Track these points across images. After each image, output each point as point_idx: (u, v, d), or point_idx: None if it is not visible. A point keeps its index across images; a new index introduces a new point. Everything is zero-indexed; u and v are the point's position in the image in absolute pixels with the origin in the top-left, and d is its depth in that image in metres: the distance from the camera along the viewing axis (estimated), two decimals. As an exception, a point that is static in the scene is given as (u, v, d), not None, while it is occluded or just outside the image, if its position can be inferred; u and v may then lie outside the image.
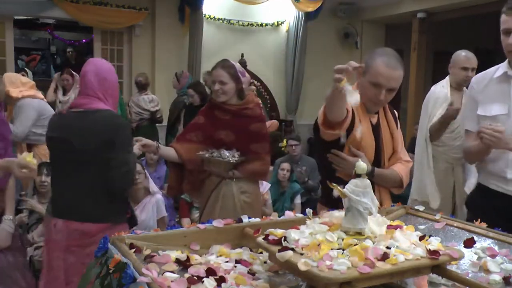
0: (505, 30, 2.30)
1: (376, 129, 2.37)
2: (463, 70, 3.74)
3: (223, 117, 2.99)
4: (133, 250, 1.52)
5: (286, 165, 5.35)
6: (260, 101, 3.36)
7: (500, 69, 2.42)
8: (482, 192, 2.49)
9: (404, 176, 2.40)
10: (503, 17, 2.30)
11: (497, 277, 1.47)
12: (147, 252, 1.56)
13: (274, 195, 5.19)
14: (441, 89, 3.82)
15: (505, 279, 1.46)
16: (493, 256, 1.64)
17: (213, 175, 2.97)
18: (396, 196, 2.48)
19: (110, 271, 1.41)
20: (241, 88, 3.00)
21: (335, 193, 1.50)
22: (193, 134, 3.02)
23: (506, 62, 2.40)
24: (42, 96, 4.58)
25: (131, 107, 6.78)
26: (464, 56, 3.78)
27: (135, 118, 6.75)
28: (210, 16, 8.43)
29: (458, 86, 3.80)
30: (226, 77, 2.94)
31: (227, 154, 2.89)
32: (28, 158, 2.04)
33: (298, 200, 5.39)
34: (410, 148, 4.17)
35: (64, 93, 6.47)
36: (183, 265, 1.49)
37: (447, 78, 3.90)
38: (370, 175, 2.24)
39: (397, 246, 1.39)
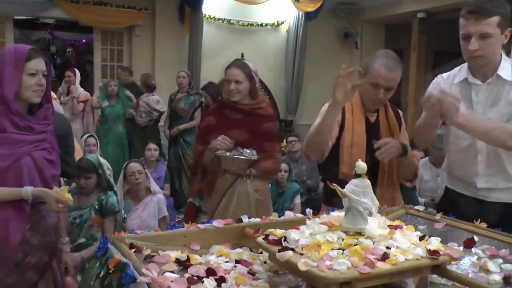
0: (464, 35, 2.16)
1: (374, 127, 2.45)
2: None
3: (235, 117, 3.00)
4: (133, 250, 1.52)
5: (284, 166, 5.34)
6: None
7: (459, 75, 2.33)
8: (451, 195, 2.43)
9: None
10: (462, 21, 2.16)
11: (497, 277, 1.47)
12: (147, 252, 1.56)
13: (273, 195, 5.19)
14: None
15: (505, 279, 1.46)
16: (493, 256, 1.65)
17: (227, 173, 2.97)
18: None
19: (110, 271, 1.41)
20: (254, 88, 3.03)
21: None
22: (208, 136, 3.03)
23: (466, 67, 2.30)
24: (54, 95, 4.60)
25: (142, 107, 6.74)
26: None
27: (144, 119, 6.76)
28: (210, 16, 8.43)
29: None
30: (241, 77, 2.95)
31: (248, 151, 2.91)
32: (66, 194, 2.11)
33: (298, 200, 5.39)
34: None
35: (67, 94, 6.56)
36: (183, 265, 1.49)
37: None
38: (405, 151, 2.35)
39: (397, 246, 1.39)
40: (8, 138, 2.11)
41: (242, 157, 2.91)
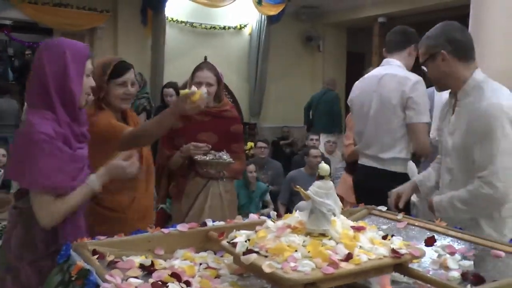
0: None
1: None
2: None
3: (203, 119, 2.98)
4: (96, 256, 1.49)
5: (252, 167, 5.35)
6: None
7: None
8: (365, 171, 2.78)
9: None
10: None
11: (455, 274, 1.51)
12: (110, 258, 1.54)
13: (244, 196, 5.18)
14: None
15: (463, 275, 1.50)
16: (452, 253, 1.69)
17: (198, 177, 2.97)
18: None
19: (73, 279, 1.39)
20: (221, 91, 3.05)
21: None
22: (175, 140, 3.00)
23: None
24: None
25: None
26: None
27: None
28: (172, 19, 8.38)
29: None
30: (212, 79, 2.96)
31: (224, 155, 2.92)
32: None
33: (268, 197, 5.46)
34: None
35: None
36: (148, 270, 1.48)
37: None
38: None
39: (360, 246, 1.41)
40: (76, 156, 1.86)
41: (221, 160, 2.91)
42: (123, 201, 2.37)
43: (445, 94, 2.55)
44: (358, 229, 1.51)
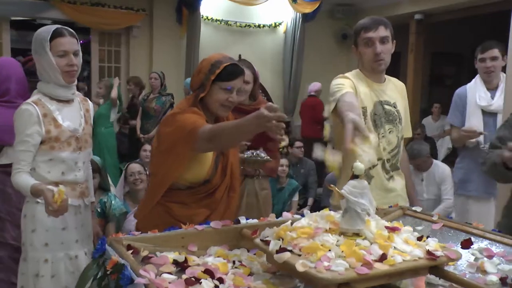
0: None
1: None
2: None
3: (239, 118, 3.00)
4: (130, 251, 1.52)
5: (284, 161, 5.35)
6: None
7: None
8: None
9: None
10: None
11: (494, 278, 1.47)
12: (144, 253, 1.56)
13: (272, 191, 5.19)
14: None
15: (502, 280, 1.46)
16: (490, 257, 1.65)
17: None
18: None
19: (108, 273, 1.41)
20: (257, 89, 3.05)
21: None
22: None
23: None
24: None
25: None
26: None
27: None
28: (207, 17, 8.43)
29: None
30: (250, 77, 2.98)
31: (262, 154, 2.93)
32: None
33: (296, 197, 5.43)
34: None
35: None
36: (181, 266, 1.49)
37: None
38: None
39: (395, 247, 1.39)
40: None
41: (259, 158, 2.92)
42: (196, 218, 2.10)
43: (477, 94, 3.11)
44: (392, 229, 1.50)
